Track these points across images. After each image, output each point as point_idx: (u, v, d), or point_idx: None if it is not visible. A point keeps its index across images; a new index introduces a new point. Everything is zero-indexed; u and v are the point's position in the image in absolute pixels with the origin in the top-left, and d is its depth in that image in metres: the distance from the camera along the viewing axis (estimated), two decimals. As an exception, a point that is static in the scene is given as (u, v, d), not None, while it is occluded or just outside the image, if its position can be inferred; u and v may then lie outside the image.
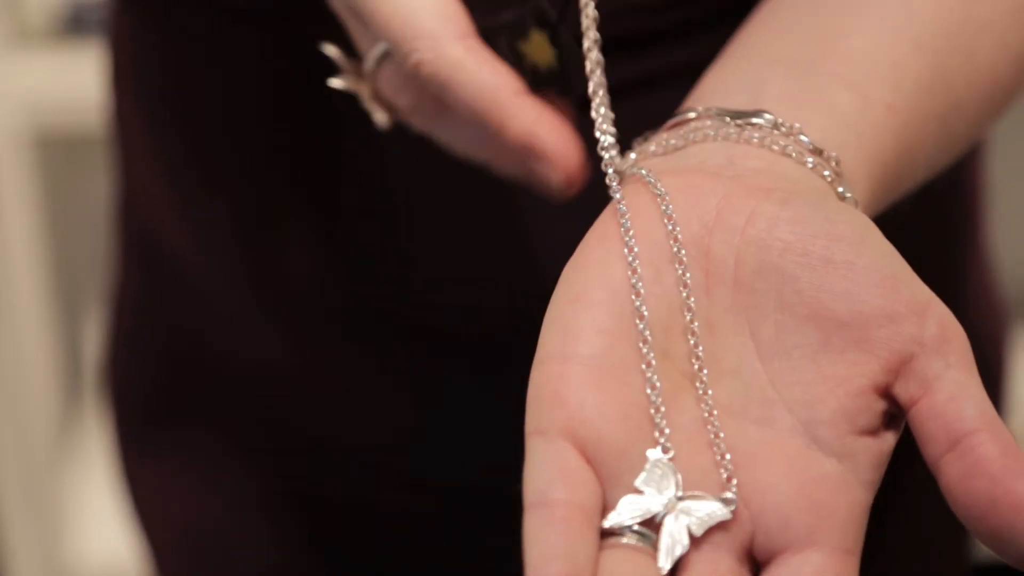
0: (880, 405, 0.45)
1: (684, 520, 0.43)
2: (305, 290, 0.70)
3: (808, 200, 0.46)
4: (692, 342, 0.45)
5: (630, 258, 0.46)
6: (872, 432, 0.45)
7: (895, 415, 0.45)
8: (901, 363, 0.44)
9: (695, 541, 0.43)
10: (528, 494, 0.43)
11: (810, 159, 0.49)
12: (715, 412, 0.45)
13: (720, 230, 0.46)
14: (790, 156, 0.49)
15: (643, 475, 0.43)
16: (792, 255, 0.45)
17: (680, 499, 0.43)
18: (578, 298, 0.46)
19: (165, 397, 0.78)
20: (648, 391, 0.44)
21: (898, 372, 0.44)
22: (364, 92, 0.57)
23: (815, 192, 0.48)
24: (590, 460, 0.44)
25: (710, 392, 0.45)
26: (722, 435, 0.44)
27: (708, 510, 0.43)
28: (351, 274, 0.69)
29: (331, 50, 0.58)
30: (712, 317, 0.46)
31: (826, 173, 0.49)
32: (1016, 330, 0.92)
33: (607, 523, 0.43)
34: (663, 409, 0.44)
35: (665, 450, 0.44)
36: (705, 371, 0.45)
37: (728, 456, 0.44)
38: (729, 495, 0.43)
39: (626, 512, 0.43)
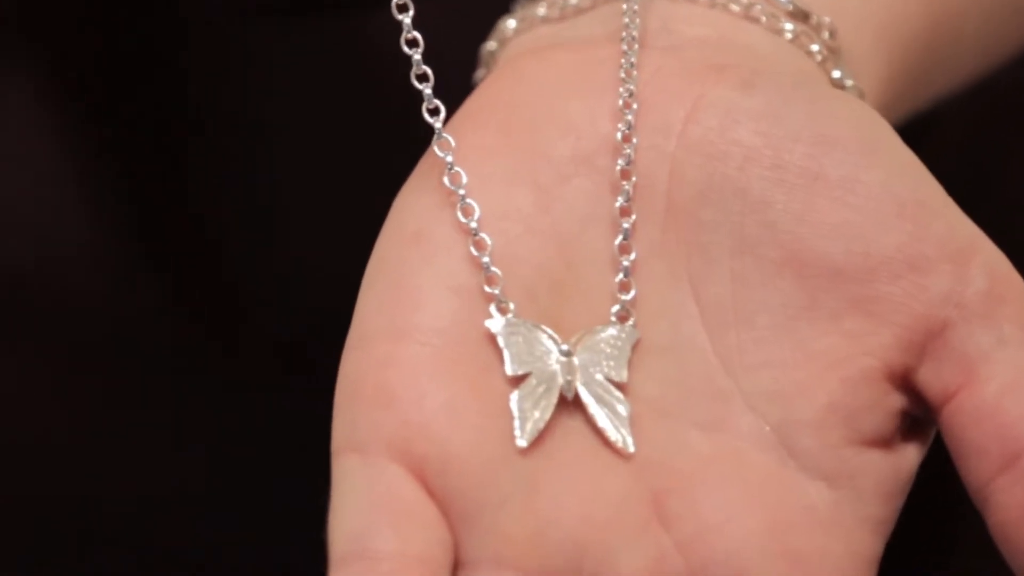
0: (896, 400, 0.37)
1: (597, 374, 0.37)
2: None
3: (784, 84, 0.39)
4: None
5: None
6: (883, 442, 0.37)
7: (919, 416, 0.37)
8: (929, 336, 0.36)
9: None
10: (337, 542, 0.35)
11: (789, 26, 0.41)
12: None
13: (646, 130, 0.39)
14: (757, 21, 0.41)
15: (506, 356, 0.36)
16: (759, 167, 0.37)
17: (567, 353, 0.37)
18: (417, 237, 0.38)
19: None
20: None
21: (924, 349, 0.37)
22: None
23: (795, 74, 0.40)
24: (433, 490, 0.36)
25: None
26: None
27: (610, 342, 0.37)
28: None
29: None
30: (630, 264, 0.39)
31: (814, 48, 0.41)
32: None
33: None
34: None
35: (503, 310, 0.37)
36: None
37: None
38: (615, 307, 0.37)
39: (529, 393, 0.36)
